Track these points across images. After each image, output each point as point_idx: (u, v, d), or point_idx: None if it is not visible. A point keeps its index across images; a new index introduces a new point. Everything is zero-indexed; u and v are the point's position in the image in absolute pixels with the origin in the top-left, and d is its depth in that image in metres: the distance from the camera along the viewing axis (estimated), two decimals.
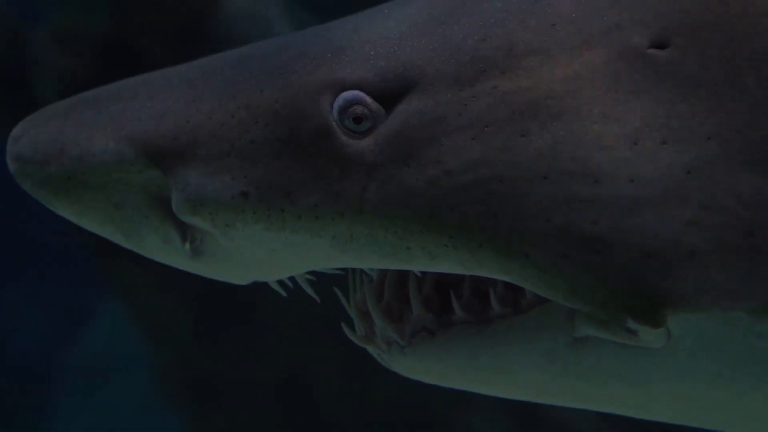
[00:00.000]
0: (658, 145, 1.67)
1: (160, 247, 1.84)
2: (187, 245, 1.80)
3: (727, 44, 1.70)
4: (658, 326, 1.68)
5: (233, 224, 1.76)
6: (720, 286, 1.65)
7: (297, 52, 1.82)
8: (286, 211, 1.74)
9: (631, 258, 1.66)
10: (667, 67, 1.70)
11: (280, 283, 1.92)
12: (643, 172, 1.66)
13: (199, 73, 1.85)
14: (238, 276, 1.87)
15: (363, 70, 1.76)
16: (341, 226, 1.73)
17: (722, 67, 1.69)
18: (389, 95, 1.75)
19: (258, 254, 1.80)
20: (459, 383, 1.87)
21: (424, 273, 1.85)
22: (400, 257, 1.74)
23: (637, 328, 1.68)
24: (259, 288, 1.97)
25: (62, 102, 1.90)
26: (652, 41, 1.72)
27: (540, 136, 1.69)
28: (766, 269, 1.65)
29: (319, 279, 1.93)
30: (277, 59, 1.82)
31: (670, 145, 1.67)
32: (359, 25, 1.84)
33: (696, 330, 1.69)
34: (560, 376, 1.78)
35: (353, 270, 1.93)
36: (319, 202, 1.73)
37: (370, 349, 1.93)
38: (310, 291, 1.93)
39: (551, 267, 1.67)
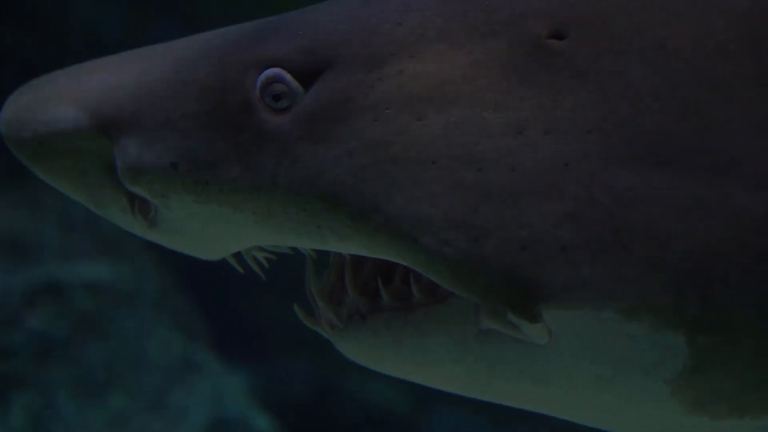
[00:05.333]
0: (541, 135, 1.65)
1: (121, 217, 1.91)
2: (138, 215, 1.87)
3: (620, 37, 1.66)
4: (535, 321, 1.65)
5: (167, 194, 1.81)
6: (589, 283, 1.62)
7: (238, 33, 1.87)
8: (209, 183, 1.79)
9: (507, 249, 1.64)
10: (561, 58, 1.68)
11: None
12: (524, 162, 1.65)
13: (159, 51, 1.92)
14: (195, 249, 1.92)
15: (286, 49, 1.80)
16: (259, 201, 1.77)
17: (612, 60, 1.65)
18: (309, 74, 1.78)
19: (195, 226, 1.85)
20: (390, 369, 1.88)
21: (362, 258, 1.86)
22: (314, 236, 1.77)
23: (517, 321, 1.67)
24: None
25: (54, 72, 2.00)
26: (551, 31, 1.69)
27: (434, 120, 1.69)
28: (633, 269, 1.61)
29: None
30: (221, 38, 1.88)
31: (552, 136, 1.65)
32: (300, 12, 1.88)
33: (573, 328, 1.66)
34: (474, 369, 1.76)
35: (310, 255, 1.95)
36: (237, 177, 1.77)
37: (318, 330, 1.95)
38: (255, 268, 1.97)
39: (436, 253, 1.67)
